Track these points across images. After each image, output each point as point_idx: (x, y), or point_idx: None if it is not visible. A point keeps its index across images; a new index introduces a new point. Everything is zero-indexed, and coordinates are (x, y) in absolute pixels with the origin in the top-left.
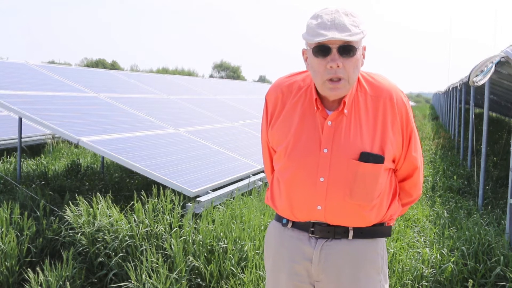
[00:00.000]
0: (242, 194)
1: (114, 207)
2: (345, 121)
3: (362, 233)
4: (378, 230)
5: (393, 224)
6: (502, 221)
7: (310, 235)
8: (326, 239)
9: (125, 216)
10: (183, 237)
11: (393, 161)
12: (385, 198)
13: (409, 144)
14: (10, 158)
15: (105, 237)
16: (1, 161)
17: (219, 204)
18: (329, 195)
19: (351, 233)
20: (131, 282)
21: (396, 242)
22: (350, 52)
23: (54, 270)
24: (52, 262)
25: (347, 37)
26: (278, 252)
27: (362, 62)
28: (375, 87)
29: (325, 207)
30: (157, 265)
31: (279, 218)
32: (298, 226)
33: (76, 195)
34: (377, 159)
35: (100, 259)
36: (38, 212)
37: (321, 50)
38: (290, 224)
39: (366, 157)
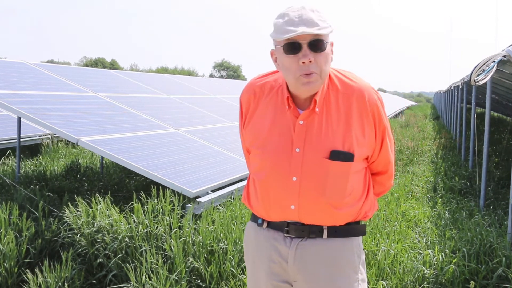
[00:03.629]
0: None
1: (114, 207)
2: (316, 119)
3: (336, 232)
4: (352, 229)
5: (367, 220)
6: (504, 222)
7: (285, 234)
8: (301, 238)
9: (124, 216)
10: (183, 238)
11: (366, 158)
12: (358, 195)
13: (382, 142)
14: (8, 158)
15: (105, 238)
16: (0, 161)
17: (219, 204)
18: (302, 194)
19: (325, 232)
20: (130, 283)
21: (397, 243)
22: (321, 47)
23: (53, 271)
24: (51, 263)
25: (316, 31)
26: (256, 252)
27: (331, 57)
28: (347, 85)
29: (298, 207)
30: (156, 266)
31: (254, 218)
32: (273, 226)
33: (75, 195)
34: (347, 157)
35: (100, 260)
36: (37, 213)
37: (292, 47)
38: (265, 224)
39: (337, 156)
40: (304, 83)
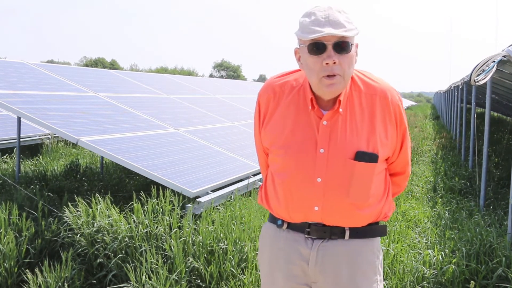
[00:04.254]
0: (242, 195)
1: (114, 207)
2: (340, 120)
3: (358, 233)
4: (373, 230)
5: (387, 220)
6: (504, 222)
7: (306, 236)
8: (322, 239)
9: (124, 216)
10: (183, 238)
11: (386, 159)
12: (380, 196)
13: (403, 143)
14: (8, 158)
15: (105, 238)
16: (0, 161)
17: (219, 204)
18: (327, 195)
19: (347, 233)
20: (130, 283)
21: (397, 243)
22: (346, 48)
23: (53, 271)
24: (51, 263)
25: (342, 33)
26: (274, 254)
27: (355, 59)
28: (370, 86)
29: (322, 208)
30: (156, 266)
31: (273, 220)
32: (293, 227)
33: (75, 195)
34: (372, 157)
35: (100, 260)
36: (36, 213)
37: (317, 47)
38: (285, 226)
39: (362, 157)
40: (327, 85)
